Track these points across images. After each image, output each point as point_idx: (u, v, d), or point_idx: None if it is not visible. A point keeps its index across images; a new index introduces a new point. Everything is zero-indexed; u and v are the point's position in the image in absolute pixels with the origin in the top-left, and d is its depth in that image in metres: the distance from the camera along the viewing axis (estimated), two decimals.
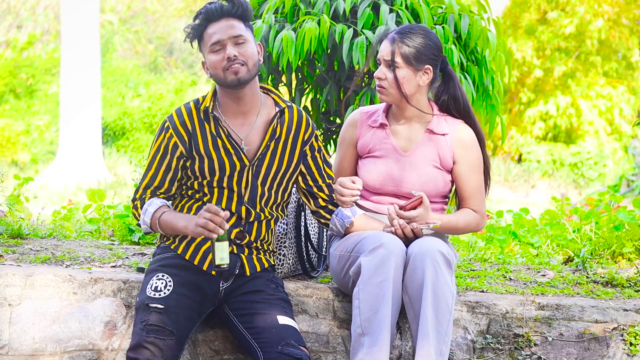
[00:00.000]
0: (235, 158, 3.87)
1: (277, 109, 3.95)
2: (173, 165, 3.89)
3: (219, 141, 3.87)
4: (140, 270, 4.31)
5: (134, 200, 3.94)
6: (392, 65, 3.99)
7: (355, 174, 4.18)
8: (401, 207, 3.93)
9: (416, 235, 3.92)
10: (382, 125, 4.10)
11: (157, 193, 3.92)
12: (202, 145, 3.87)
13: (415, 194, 3.95)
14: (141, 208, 3.90)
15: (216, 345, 4.06)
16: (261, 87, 3.98)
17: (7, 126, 20.62)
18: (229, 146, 3.87)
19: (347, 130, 4.20)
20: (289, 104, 3.98)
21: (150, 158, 3.93)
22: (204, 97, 3.93)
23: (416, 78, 4.01)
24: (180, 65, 26.20)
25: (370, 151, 4.10)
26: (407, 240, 3.91)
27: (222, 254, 3.63)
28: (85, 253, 4.77)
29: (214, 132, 3.88)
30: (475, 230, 4.14)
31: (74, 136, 18.27)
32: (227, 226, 3.61)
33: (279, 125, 3.94)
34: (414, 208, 3.93)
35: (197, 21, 3.84)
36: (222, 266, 3.64)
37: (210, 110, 3.87)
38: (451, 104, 4.11)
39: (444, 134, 4.06)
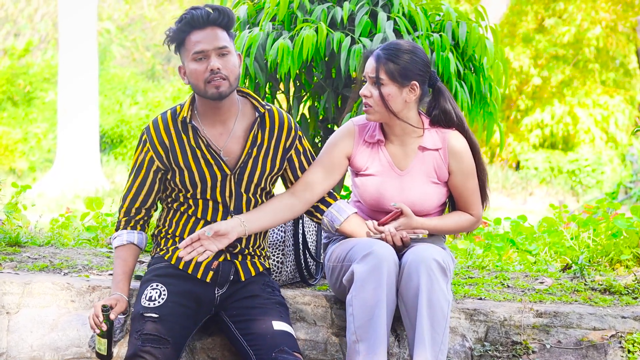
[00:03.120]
0: (215, 168, 3.85)
1: (257, 114, 3.90)
2: (149, 179, 3.89)
3: (198, 152, 3.84)
4: (137, 278, 4.31)
5: (119, 210, 3.97)
6: (377, 82, 3.93)
7: (332, 186, 4.11)
8: (380, 223, 3.93)
9: (404, 245, 3.91)
10: (378, 142, 4.05)
11: (134, 209, 3.92)
12: (180, 157, 3.84)
13: (394, 206, 3.94)
14: (117, 228, 3.95)
15: (214, 353, 4.06)
16: (238, 91, 3.93)
17: (5, 134, 20.63)
18: (208, 157, 3.84)
19: (342, 138, 4.09)
20: (268, 107, 3.93)
21: (130, 170, 3.94)
22: (181, 106, 3.88)
23: (402, 95, 3.93)
24: (177, 73, 26.21)
25: (367, 169, 4.06)
26: (398, 250, 3.91)
27: (99, 345, 3.79)
28: (83, 261, 4.77)
29: (193, 144, 3.84)
30: (468, 231, 4.16)
31: (71, 144, 18.28)
32: (104, 327, 3.72)
33: (259, 131, 3.90)
34: (396, 219, 3.93)
35: (179, 25, 3.77)
36: (98, 352, 3.80)
37: (188, 120, 3.84)
38: (442, 117, 4.05)
39: (437, 149, 4.02)
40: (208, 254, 3.73)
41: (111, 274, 4.45)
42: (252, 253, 3.95)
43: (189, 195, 3.87)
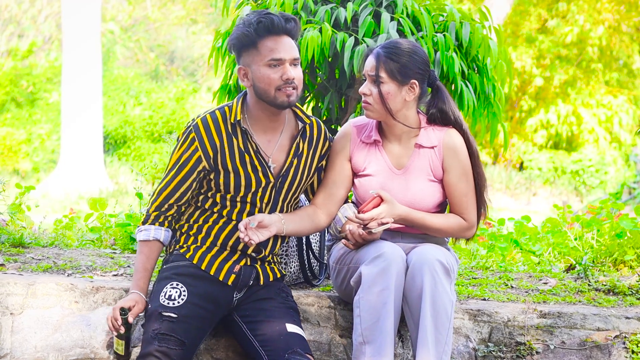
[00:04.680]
0: (261, 175, 3.85)
1: (301, 124, 3.93)
2: (192, 178, 3.84)
3: (247, 157, 3.83)
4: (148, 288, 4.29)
5: (151, 203, 3.90)
6: (376, 80, 3.91)
7: (347, 191, 4.12)
8: (360, 210, 3.89)
9: (372, 238, 3.89)
10: (375, 142, 4.04)
11: (168, 204, 3.86)
12: (229, 160, 3.82)
13: (372, 193, 3.91)
14: (144, 221, 3.89)
15: (219, 355, 4.06)
16: None
17: (9, 135, 20.63)
18: (256, 162, 3.84)
19: (340, 142, 4.08)
20: (312, 118, 3.97)
21: (171, 166, 3.87)
22: (230, 108, 3.86)
23: (401, 93, 3.92)
24: (181, 73, 26.22)
25: (365, 169, 4.04)
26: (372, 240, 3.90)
27: (117, 345, 3.81)
28: (87, 262, 4.78)
29: (242, 147, 3.83)
30: (461, 237, 4.06)
31: (75, 144, 18.28)
32: (122, 330, 3.73)
33: (301, 141, 3.93)
34: (377, 206, 3.89)
35: (256, 27, 3.74)
36: (117, 353, 3.82)
37: (241, 124, 3.84)
38: (438, 116, 4.02)
39: (432, 147, 4.00)
40: (250, 244, 3.74)
41: (115, 275, 4.46)
42: (271, 259, 3.96)
43: (228, 196, 3.86)
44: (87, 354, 4.05)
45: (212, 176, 3.85)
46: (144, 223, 3.89)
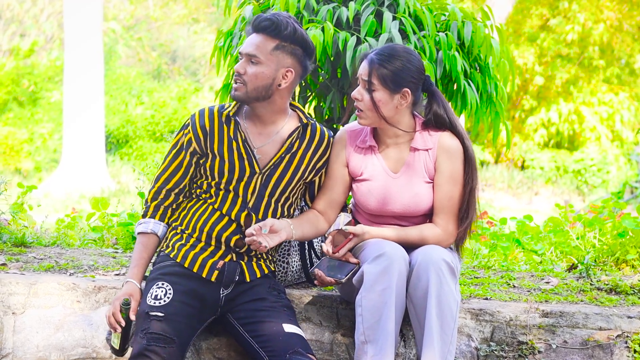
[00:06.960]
0: (246, 163, 3.89)
1: (300, 124, 3.96)
2: (186, 161, 3.94)
3: (234, 144, 3.90)
4: (143, 278, 4.31)
5: (149, 192, 4.01)
6: (369, 86, 3.90)
7: (346, 196, 4.12)
8: (335, 252, 3.90)
9: (338, 283, 3.90)
10: (371, 147, 4.03)
11: (165, 190, 3.96)
12: (217, 144, 3.90)
13: (345, 230, 3.93)
14: (144, 214, 3.99)
15: (220, 354, 4.06)
16: (291, 104, 4.00)
17: (11, 134, 20.65)
18: (242, 150, 3.89)
19: (335, 148, 4.07)
20: (312, 121, 4.00)
21: (167, 152, 4.00)
22: (230, 104, 3.97)
23: (393, 101, 3.90)
24: (183, 73, 26.23)
25: (362, 174, 4.03)
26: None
27: (114, 339, 3.80)
28: (88, 261, 4.78)
29: (231, 135, 3.90)
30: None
31: (77, 144, 18.29)
32: (123, 323, 3.74)
33: (297, 140, 3.95)
34: (349, 241, 3.92)
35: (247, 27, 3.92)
36: (112, 346, 3.81)
37: (231, 114, 3.91)
38: (432, 121, 3.99)
39: (427, 149, 3.97)
40: (263, 249, 3.75)
41: (117, 274, 4.47)
42: (259, 255, 3.96)
43: (213, 184, 3.92)
44: (89, 353, 4.05)
45: (202, 161, 3.93)
46: (144, 216, 3.98)
